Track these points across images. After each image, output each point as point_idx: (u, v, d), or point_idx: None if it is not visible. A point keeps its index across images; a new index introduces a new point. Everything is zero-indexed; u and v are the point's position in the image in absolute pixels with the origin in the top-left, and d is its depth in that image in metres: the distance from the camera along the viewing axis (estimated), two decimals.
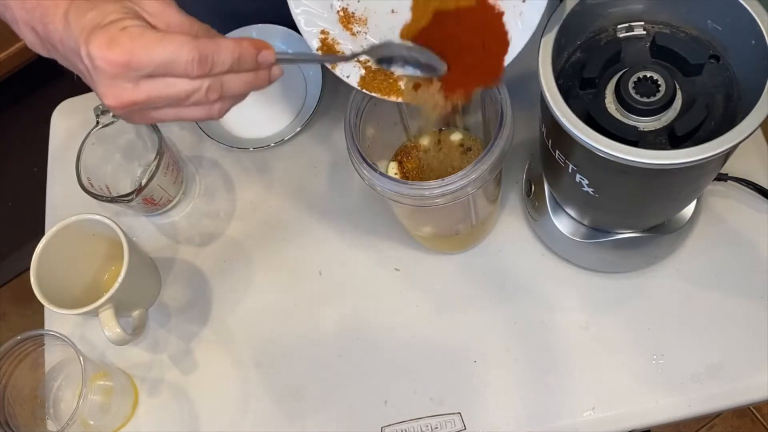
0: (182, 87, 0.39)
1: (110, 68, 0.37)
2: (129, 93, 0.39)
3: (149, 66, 0.38)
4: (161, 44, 0.37)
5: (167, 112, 0.41)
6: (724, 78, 0.45)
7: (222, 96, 0.41)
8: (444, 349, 0.63)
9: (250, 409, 0.64)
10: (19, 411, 0.61)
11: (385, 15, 0.50)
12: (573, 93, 0.46)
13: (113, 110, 0.40)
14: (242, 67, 0.41)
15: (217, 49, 0.39)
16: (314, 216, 0.70)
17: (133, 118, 0.42)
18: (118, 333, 0.60)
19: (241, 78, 0.41)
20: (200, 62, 0.38)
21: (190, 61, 0.38)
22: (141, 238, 0.73)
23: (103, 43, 0.37)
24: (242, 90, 0.42)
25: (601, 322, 0.62)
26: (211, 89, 0.40)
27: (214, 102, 0.41)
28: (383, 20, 0.50)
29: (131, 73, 0.38)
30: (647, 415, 0.59)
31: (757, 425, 1.33)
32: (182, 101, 0.40)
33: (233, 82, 0.41)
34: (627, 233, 0.58)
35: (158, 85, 0.39)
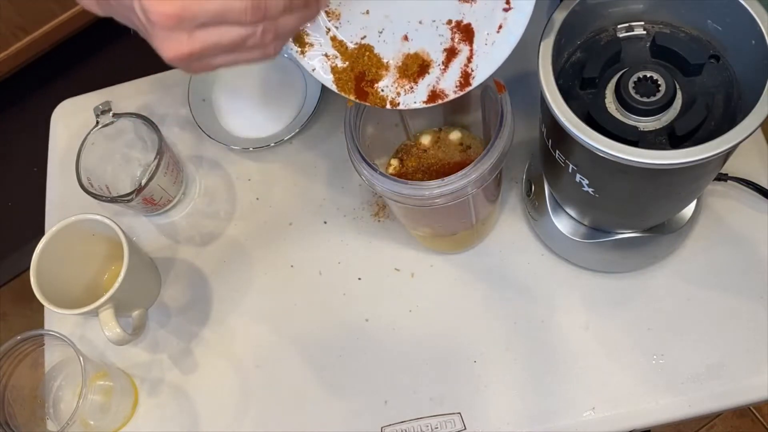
0: (237, 33, 0.39)
1: (164, 20, 0.37)
2: (185, 44, 0.38)
3: (203, 16, 0.37)
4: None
5: (225, 58, 0.41)
6: (724, 78, 0.45)
7: (277, 36, 0.41)
8: (444, 349, 0.63)
9: (250, 409, 0.64)
10: (19, 411, 0.61)
11: (359, 14, 0.49)
12: (573, 93, 0.46)
13: (171, 62, 0.40)
14: (294, 6, 0.41)
15: None
16: (314, 216, 0.70)
17: (192, 68, 0.42)
18: (118, 333, 0.60)
19: (294, 15, 0.41)
20: (254, 9, 0.38)
21: (242, 9, 0.38)
22: (141, 238, 0.73)
23: None
24: (296, 25, 0.42)
25: (601, 322, 0.62)
26: (266, 32, 0.40)
27: (269, 43, 0.41)
28: (356, 19, 0.49)
29: (185, 24, 0.38)
30: (647, 415, 0.59)
31: (757, 425, 1.33)
32: (239, 47, 0.40)
33: (287, 20, 0.41)
34: (627, 233, 0.58)
35: (214, 34, 0.39)
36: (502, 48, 0.46)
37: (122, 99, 0.77)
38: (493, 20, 0.46)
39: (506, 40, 0.46)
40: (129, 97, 0.79)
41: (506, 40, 0.46)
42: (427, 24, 0.48)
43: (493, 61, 0.47)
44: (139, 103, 0.79)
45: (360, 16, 0.49)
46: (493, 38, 0.46)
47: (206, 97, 0.76)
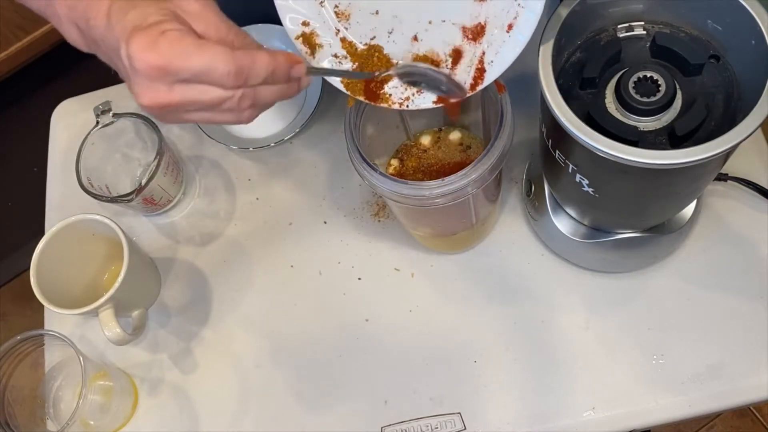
0: (216, 95, 0.40)
1: (148, 70, 0.38)
2: (163, 95, 0.39)
3: (186, 72, 0.38)
4: (198, 53, 0.38)
5: (200, 115, 0.42)
6: (724, 78, 0.45)
7: (253, 104, 0.42)
8: (444, 349, 0.63)
9: (250, 409, 0.64)
10: (19, 411, 0.61)
11: (368, 15, 0.49)
12: (573, 93, 0.46)
13: (146, 109, 0.41)
14: (275, 80, 0.42)
15: (252, 63, 0.39)
16: (314, 216, 0.70)
17: (165, 118, 0.43)
18: (118, 333, 0.60)
19: (274, 89, 0.42)
20: (236, 75, 0.39)
21: (225, 73, 0.38)
22: (141, 238, 0.73)
23: (143, 46, 0.38)
24: (273, 99, 0.43)
25: (601, 322, 0.62)
26: (243, 98, 0.41)
27: (245, 109, 0.42)
28: (366, 19, 0.49)
29: (167, 77, 0.38)
30: (647, 415, 0.59)
31: (757, 425, 1.33)
32: (215, 107, 0.41)
33: (265, 91, 0.42)
34: (627, 233, 0.58)
35: (192, 91, 0.39)
36: (512, 48, 0.46)
37: (122, 99, 0.77)
38: (504, 20, 0.46)
39: (516, 40, 0.46)
40: (129, 97, 0.78)
41: (516, 40, 0.46)
42: (437, 24, 0.48)
43: (503, 61, 0.47)
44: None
45: (369, 17, 0.49)
46: (503, 38, 0.46)
47: None
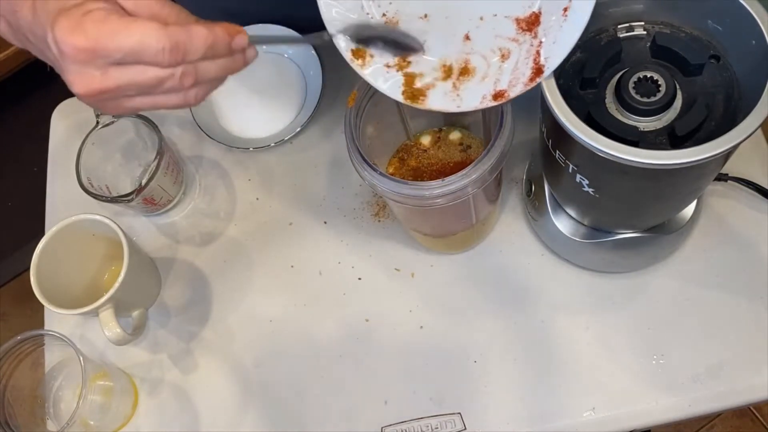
0: (154, 74, 0.38)
1: (75, 54, 0.36)
2: (98, 81, 0.37)
3: (117, 53, 0.36)
4: (128, 31, 0.36)
5: (141, 100, 0.40)
6: (725, 78, 0.45)
7: (197, 82, 0.40)
8: (444, 349, 0.63)
9: (250, 409, 0.64)
10: (19, 411, 0.61)
11: (417, 19, 0.48)
12: (573, 93, 0.46)
13: (83, 99, 0.38)
14: (216, 54, 0.39)
15: (188, 37, 0.37)
16: (314, 216, 0.70)
17: (105, 107, 0.40)
18: (118, 333, 0.60)
19: (216, 63, 0.40)
20: (171, 51, 0.37)
21: (160, 50, 0.36)
22: (141, 238, 0.73)
23: (67, 28, 0.36)
24: (218, 74, 0.41)
25: (601, 322, 0.62)
26: (185, 75, 0.39)
27: (189, 88, 0.40)
28: (415, 24, 0.49)
29: (98, 60, 0.36)
30: (647, 415, 0.59)
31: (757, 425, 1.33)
32: (155, 89, 0.39)
33: (208, 67, 0.40)
34: (627, 233, 0.58)
35: (128, 73, 0.37)
36: (570, 31, 0.44)
37: None
38: (559, 3, 0.44)
39: (574, 23, 0.44)
40: None
41: (574, 23, 0.44)
42: (488, 19, 0.47)
43: (563, 47, 0.44)
44: None
45: (418, 21, 0.49)
46: (560, 23, 0.44)
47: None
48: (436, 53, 0.49)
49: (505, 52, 0.47)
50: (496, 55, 0.47)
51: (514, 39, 0.47)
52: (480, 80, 0.48)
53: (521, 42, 0.46)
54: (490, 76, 0.48)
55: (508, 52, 0.47)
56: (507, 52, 0.47)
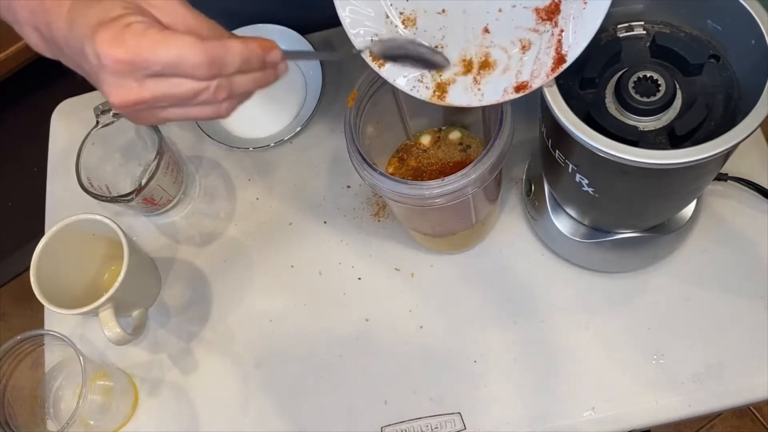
0: (190, 87, 0.38)
1: (115, 66, 0.37)
2: (135, 92, 0.38)
3: (155, 65, 0.37)
4: (166, 44, 0.37)
5: (175, 111, 0.41)
6: (724, 78, 0.45)
7: (230, 95, 0.40)
8: (444, 349, 0.63)
9: (250, 409, 0.64)
10: (19, 411, 0.61)
11: (435, 15, 0.48)
12: (573, 93, 0.46)
13: (119, 109, 0.39)
14: (250, 68, 0.40)
15: (225, 52, 0.38)
16: (314, 216, 0.70)
17: (140, 118, 0.41)
18: (118, 333, 0.60)
19: (249, 77, 0.41)
20: (209, 64, 0.38)
21: (197, 64, 0.37)
22: (141, 238, 0.73)
23: (108, 41, 0.36)
24: (250, 88, 0.42)
25: (601, 322, 0.62)
26: (219, 89, 0.39)
27: (222, 101, 0.40)
28: (433, 20, 0.48)
29: (137, 72, 0.37)
30: (647, 415, 0.59)
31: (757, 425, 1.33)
32: (189, 101, 0.39)
33: (241, 81, 0.41)
34: (627, 233, 0.58)
35: (164, 85, 0.38)
36: (592, 17, 0.43)
37: None
38: None
39: (595, 8, 0.42)
40: None
41: (595, 8, 0.42)
42: (507, 11, 0.46)
43: (585, 34, 0.43)
44: None
45: (437, 17, 0.48)
46: (581, 9, 0.43)
47: None
48: (455, 48, 0.48)
49: (526, 43, 0.46)
50: (517, 46, 0.47)
51: (534, 29, 0.46)
52: (501, 73, 0.47)
53: (542, 32, 0.45)
54: (511, 69, 0.47)
55: (529, 43, 0.46)
56: (528, 43, 0.46)
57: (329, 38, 0.76)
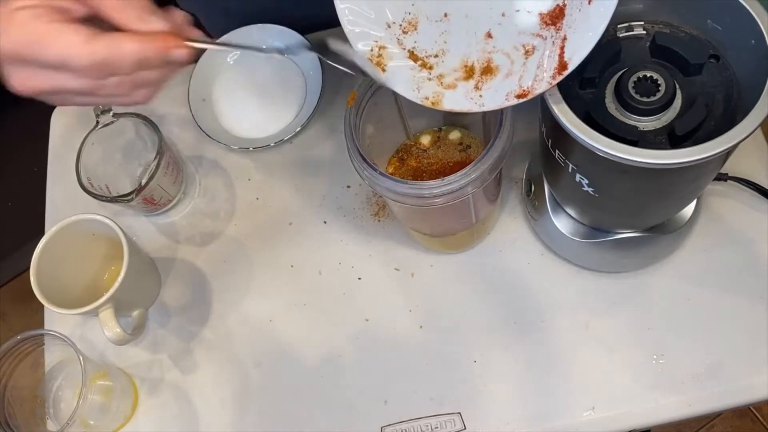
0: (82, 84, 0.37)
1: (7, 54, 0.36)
2: (32, 81, 0.37)
3: (42, 61, 0.36)
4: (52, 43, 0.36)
5: (84, 99, 0.40)
6: (724, 78, 0.45)
7: (137, 87, 0.39)
8: (444, 349, 0.63)
9: (250, 410, 0.64)
10: (19, 411, 0.61)
11: (437, 20, 0.47)
12: (573, 93, 0.46)
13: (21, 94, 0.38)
14: (150, 66, 0.39)
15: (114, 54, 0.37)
16: (314, 216, 0.70)
17: (52, 101, 0.40)
18: (118, 333, 0.60)
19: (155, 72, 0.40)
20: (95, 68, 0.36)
21: (81, 67, 0.36)
22: (141, 238, 0.73)
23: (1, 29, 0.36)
24: (158, 79, 0.40)
25: (601, 321, 0.62)
26: (120, 85, 0.38)
27: (131, 92, 0.39)
28: (434, 25, 0.47)
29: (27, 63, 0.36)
30: (647, 415, 0.59)
31: (757, 425, 1.33)
32: (91, 94, 0.38)
33: (145, 75, 0.39)
34: (627, 233, 0.58)
35: (58, 78, 0.37)
36: (596, 24, 0.41)
37: None
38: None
39: (599, 14, 0.41)
40: None
41: (599, 14, 0.41)
42: (510, 15, 0.46)
43: (589, 40, 0.42)
44: None
45: (438, 23, 0.48)
46: (586, 15, 0.42)
47: (206, 97, 0.76)
48: (457, 53, 0.48)
49: (530, 48, 0.46)
50: (520, 51, 0.46)
51: (538, 34, 0.45)
52: (503, 78, 0.46)
53: (546, 37, 0.45)
54: (514, 74, 0.46)
55: (533, 48, 0.45)
56: (531, 48, 0.45)
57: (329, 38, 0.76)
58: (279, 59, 0.76)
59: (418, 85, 0.48)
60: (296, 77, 0.75)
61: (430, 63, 0.49)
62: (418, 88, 0.48)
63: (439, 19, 0.48)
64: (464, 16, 0.47)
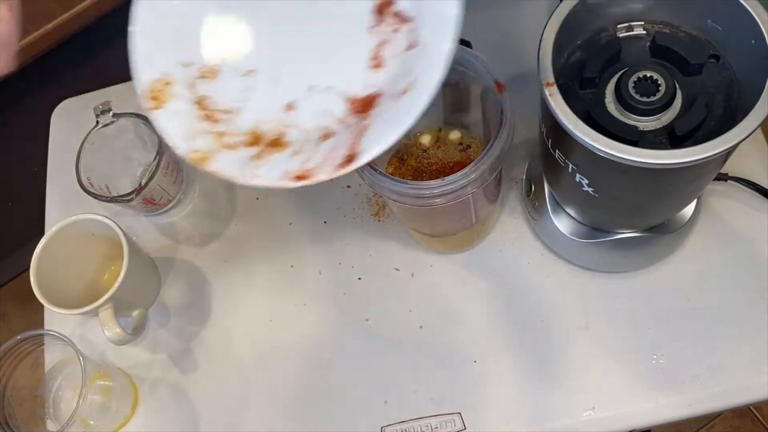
0: None
1: None
2: None
3: None
4: None
5: None
6: (724, 77, 0.45)
7: None
8: (444, 349, 0.63)
9: (250, 410, 0.64)
10: (19, 411, 0.61)
11: (240, 73, 0.43)
12: (573, 93, 0.46)
13: None
14: None
15: None
16: (314, 216, 0.70)
17: None
18: (118, 333, 0.60)
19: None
20: None
21: None
22: (141, 238, 0.73)
23: None
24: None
25: (601, 322, 0.62)
26: None
27: None
28: (237, 79, 0.43)
29: None
30: (647, 415, 0.59)
31: (757, 425, 1.33)
32: None
33: None
34: (627, 233, 0.58)
35: None
36: (405, 117, 0.38)
37: (122, 99, 0.77)
38: (400, 86, 0.39)
39: (409, 107, 0.38)
40: (129, 97, 0.79)
41: (409, 107, 0.38)
42: (319, 91, 0.42)
43: (391, 133, 0.38)
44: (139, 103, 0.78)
45: (242, 77, 0.43)
46: (397, 104, 0.39)
47: None
48: (251, 116, 0.43)
49: (328, 132, 0.41)
50: (317, 133, 0.42)
51: (342, 120, 0.41)
52: (289, 156, 0.41)
53: (349, 124, 0.41)
54: (302, 153, 0.41)
55: (331, 133, 0.41)
56: (330, 133, 0.41)
57: None
58: None
59: (194, 135, 0.42)
60: None
61: (216, 117, 0.43)
62: (193, 138, 0.42)
63: (245, 74, 0.43)
64: (271, 79, 0.43)
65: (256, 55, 0.44)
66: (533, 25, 0.45)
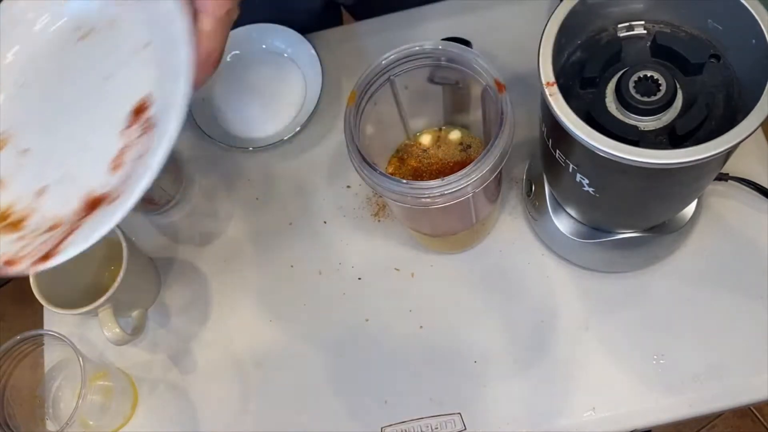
0: None
1: None
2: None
3: None
4: None
5: None
6: (725, 77, 0.45)
7: None
8: (444, 349, 0.63)
9: (250, 409, 0.64)
10: (19, 411, 0.61)
11: (17, 151, 0.43)
12: (573, 92, 0.46)
13: None
14: None
15: None
16: (314, 216, 0.70)
17: None
18: (118, 333, 0.60)
19: None
20: None
21: None
22: (141, 238, 0.73)
23: None
24: None
25: (601, 322, 0.62)
26: None
27: None
28: (12, 156, 0.43)
29: None
30: (647, 415, 0.59)
31: (757, 425, 1.33)
32: None
33: None
34: (627, 233, 0.58)
35: None
36: (101, 227, 0.39)
37: None
38: (116, 194, 0.40)
39: (107, 217, 0.39)
40: None
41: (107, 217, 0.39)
42: (67, 182, 0.42)
43: (86, 238, 0.39)
44: None
45: (18, 154, 0.44)
46: (110, 214, 0.39)
47: (206, 96, 0.76)
48: (10, 193, 0.43)
49: (55, 224, 0.41)
50: (50, 222, 0.41)
51: (75, 213, 0.41)
52: (15, 240, 0.41)
53: (72, 221, 0.41)
54: (24, 239, 0.41)
55: (57, 225, 0.41)
56: (56, 225, 0.41)
57: (330, 38, 0.76)
58: (279, 59, 0.76)
59: None
60: (296, 77, 0.75)
61: None
62: None
63: (21, 151, 0.44)
64: (39, 162, 0.43)
65: (33, 136, 0.44)
66: (533, 25, 0.45)
